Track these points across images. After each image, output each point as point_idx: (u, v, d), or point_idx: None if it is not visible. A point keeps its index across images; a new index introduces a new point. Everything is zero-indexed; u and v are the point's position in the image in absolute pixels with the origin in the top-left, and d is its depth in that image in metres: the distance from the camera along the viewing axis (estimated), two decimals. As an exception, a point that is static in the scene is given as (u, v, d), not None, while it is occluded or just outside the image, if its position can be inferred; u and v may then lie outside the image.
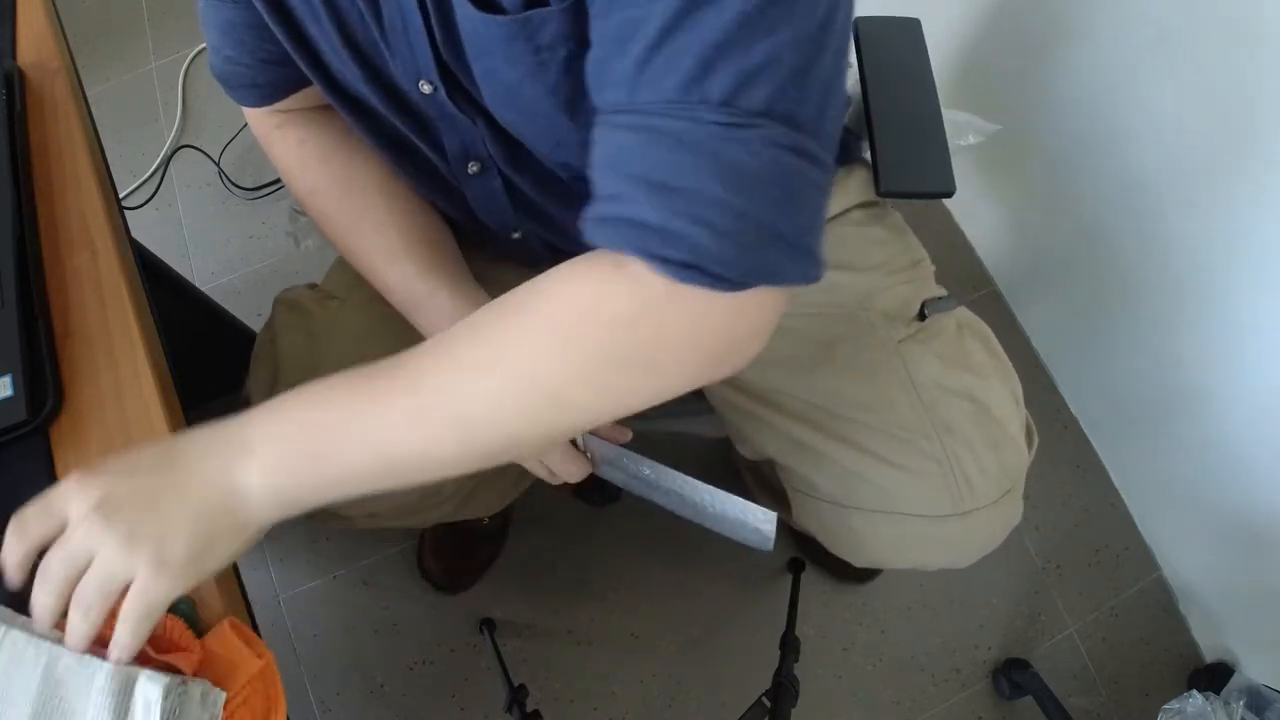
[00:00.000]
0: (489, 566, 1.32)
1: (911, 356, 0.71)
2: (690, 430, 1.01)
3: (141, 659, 0.48)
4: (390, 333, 0.71)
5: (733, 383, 0.77)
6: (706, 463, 1.37)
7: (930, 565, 0.73)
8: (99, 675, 0.46)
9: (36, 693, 0.46)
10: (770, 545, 0.61)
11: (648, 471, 0.63)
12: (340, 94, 0.62)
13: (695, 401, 0.94)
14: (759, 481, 1.09)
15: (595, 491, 1.30)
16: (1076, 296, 1.30)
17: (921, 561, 0.73)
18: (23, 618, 0.49)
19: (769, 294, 0.45)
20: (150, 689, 0.46)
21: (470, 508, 0.97)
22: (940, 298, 0.75)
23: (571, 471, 0.67)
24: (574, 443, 0.67)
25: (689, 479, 0.61)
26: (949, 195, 0.77)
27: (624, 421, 0.76)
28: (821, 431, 0.72)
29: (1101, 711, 1.25)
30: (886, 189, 0.76)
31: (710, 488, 0.60)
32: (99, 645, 0.48)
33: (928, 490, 0.69)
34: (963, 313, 0.76)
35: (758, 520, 0.59)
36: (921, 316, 0.73)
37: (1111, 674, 1.27)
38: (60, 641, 0.47)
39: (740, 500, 0.59)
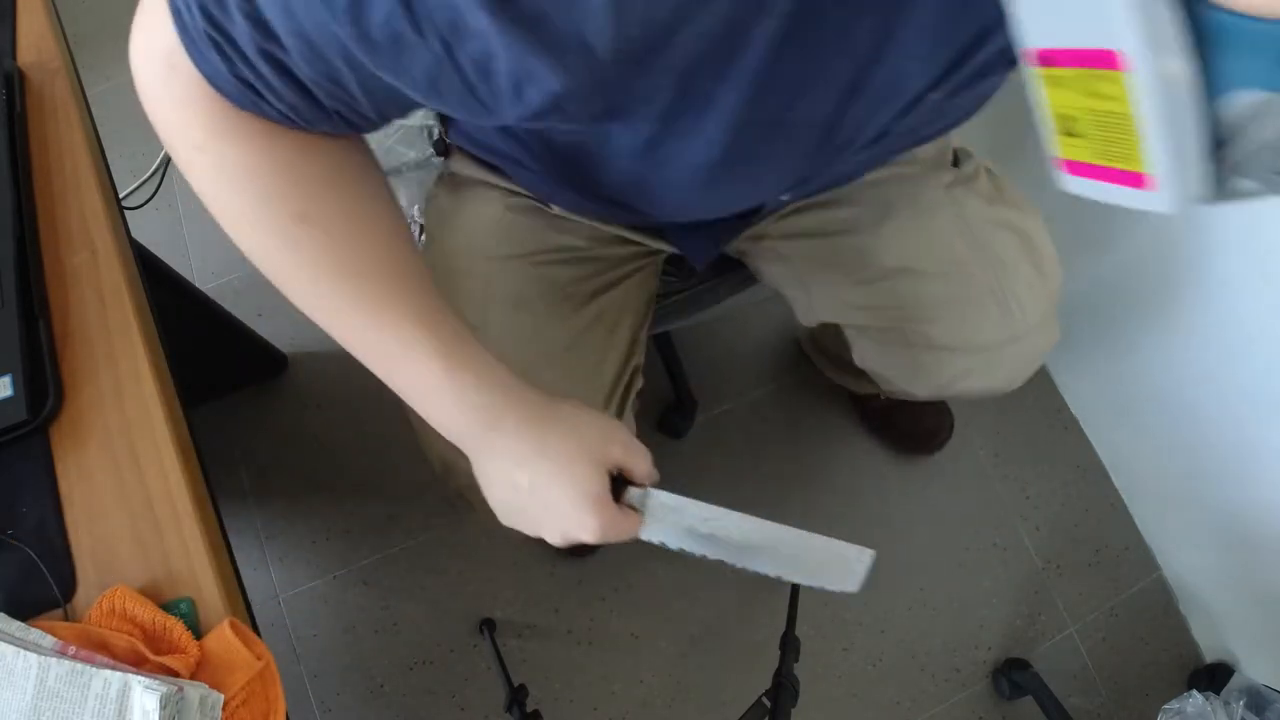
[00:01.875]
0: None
1: (960, 199, 0.78)
2: (744, 303, 1.05)
3: (138, 660, 0.48)
4: (542, 341, 0.73)
5: (801, 255, 0.83)
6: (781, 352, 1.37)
7: (987, 388, 0.82)
8: (94, 685, 0.46)
9: (30, 706, 0.45)
10: (858, 586, 0.52)
11: (707, 520, 0.55)
12: None
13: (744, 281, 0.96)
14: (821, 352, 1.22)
15: (678, 419, 1.34)
16: (1077, 297, 1.30)
17: (981, 387, 0.82)
18: (16, 623, 0.49)
19: None
20: (148, 699, 0.45)
21: None
22: (962, 148, 0.83)
23: (619, 531, 0.59)
24: (621, 498, 0.57)
25: (763, 522, 0.52)
26: None
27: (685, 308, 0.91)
28: (887, 288, 0.78)
29: (1101, 711, 1.25)
30: None
31: (793, 530, 0.52)
32: (92, 653, 0.48)
33: (985, 321, 0.77)
34: (981, 159, 0.83)
35: (852, 558, 0.52)
36: (955, 163, 0.81)
37: (1111, 674, 1.27)
38: (51, 654, 0.47)
39: (830, 540, 0.52)
